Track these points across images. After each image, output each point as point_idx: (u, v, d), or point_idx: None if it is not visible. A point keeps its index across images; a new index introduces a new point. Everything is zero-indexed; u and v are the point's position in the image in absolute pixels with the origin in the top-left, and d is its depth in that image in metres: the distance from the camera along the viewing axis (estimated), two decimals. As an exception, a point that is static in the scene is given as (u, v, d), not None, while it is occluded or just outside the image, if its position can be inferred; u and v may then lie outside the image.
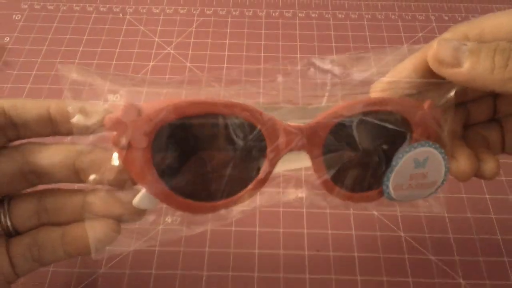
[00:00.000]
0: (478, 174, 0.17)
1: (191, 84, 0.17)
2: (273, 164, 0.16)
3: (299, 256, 0.22)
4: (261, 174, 0.16)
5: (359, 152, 0.17)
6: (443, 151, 0.17)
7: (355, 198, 0.17)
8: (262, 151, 0.15)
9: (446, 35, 0.17)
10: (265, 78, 0.17)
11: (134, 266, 0.22)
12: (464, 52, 0.15)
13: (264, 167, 0.16)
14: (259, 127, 0.15)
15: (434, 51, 0.16)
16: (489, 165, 0.17)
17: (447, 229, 0.23)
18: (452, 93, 0.17)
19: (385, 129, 0.16)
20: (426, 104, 0.17)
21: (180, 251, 0.23)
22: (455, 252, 0.22)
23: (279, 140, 0.15)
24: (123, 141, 0.14)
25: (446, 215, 0.24)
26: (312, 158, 0.16)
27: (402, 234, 0.23)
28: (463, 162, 0.17)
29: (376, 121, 0.16)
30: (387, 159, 0.17)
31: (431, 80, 0.17)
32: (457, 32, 0.16)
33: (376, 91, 0.18)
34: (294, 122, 0.16)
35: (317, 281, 0.22)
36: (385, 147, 0.17)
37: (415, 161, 0.17)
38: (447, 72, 0.16)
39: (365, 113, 0.16)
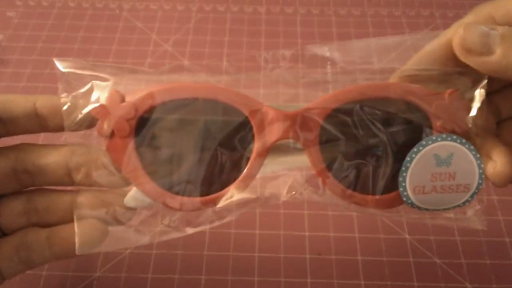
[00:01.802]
0: None
1: (190, 72, 0.16)
2: (262, 155, 0.14)
3: (300, 260, 0.22)
4: (249, 166, 0.14)
5: (364, 147, 0.14)
6: (472, 147, 0.14)
7: (370, 202, 0.15)
8: (251, 140, 0.14)
9: (470, 17, 0.15)
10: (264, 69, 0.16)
11: (131, 270, 0.21)
12: (495, 37, 0.13)
13: (252, 158, 0.14)
14: (246, 113, 0.14)
15: (461, 37, 0.14)
16: None
17: (453, 231, 0.23)
18: (484, 82, 0.14)
19: (396, 120, 0.14)
20: (447, 94, 0.14)
21: (178, 254, 0.22)
22: (461, 255, 0.22)
23: (266, 128, 0.14)
24: (107, 128, 0.14)
25: (451, 215, 0.23)
26: (307, 149, 0.14)
27: (407, 237, 0.23)
28: (500, 162, 0.14)
29: (383, 110, 0.14)
30: (402, 155, 0.14)
31: (455, 69, 0.15)
32: (481, 13, 0.15)
33: (401, 76, 0.16)
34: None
35: (319, 285, 0.21)
36: (397, 141, 0.14)
37: (436, 157, 0.14)
38: (476, 61, 0.14)
39: (368, 101, 0.14)
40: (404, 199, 0.14)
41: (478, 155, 0.14)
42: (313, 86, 0.16)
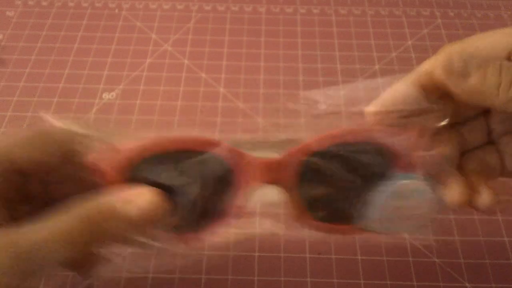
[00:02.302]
0: (472, 205, 0.17)
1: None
2: (244, 199, 0.16)
3: (301, 259, 0.22)
4: (233, 210, 0.16)
5: (335, 186, 0.16)
6: (430, 181, 0.16)
7: (347, 231, 0.17)
8: (233, 187, 0.16)
9: (440, 55, 0.17)
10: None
11: (131, 270, 0.22)
12: (473, 65, 0.16)
13: (236, 202, 0.16)
14: (229, 161, 0.15)
15: (446, 59, 0.16)
16: (482, 198, 0.17)
17: (452, 231, 0.23)
18: (446, 120, 0.17)
19: (363, 161, 0.16)
20: (411, 132, 0.16)
21: (178, 254, 0.22)
22: (460, 255, 0.22)
23: (248, 175, 0.16)
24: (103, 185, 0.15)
25: (451, 217, 0.23)
26: (285, 192, 0.16)
27: (406, 237, 0.23)
28: (453, 191, 0.17)
29: (351, 154, 0.16)
30: (366, 192, 0.16)
31: (422, 107, 0.17)
32: (450, 51, 0.17)
33: (369, 117, 0.18)
34: (265, 155, 0.16)
35: (319, 284, 0.21)
36: (364, 180, 0.16)
37: (397, 193, 0.16)
38: (454, 82, 0.16)
39: (339, 145, 0.16)
40: (368, 229, 0.17)
41: (435, 186, 0.16)
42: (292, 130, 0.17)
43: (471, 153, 0.19)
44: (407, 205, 0.16)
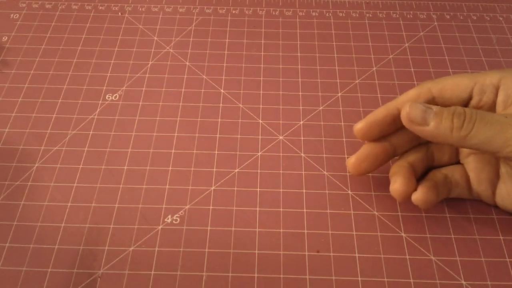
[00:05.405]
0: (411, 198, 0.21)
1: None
2: None
3: (300, 257, 0.22)
4: None
5: None
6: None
7: None
8: None
9: (414, 91, 0.21)
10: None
11: (134, 267, 0.22)
12: (430, 114, 0.19)
13: None
14: None
15: (407, 112, 0.19)
16: (415, 195, 0.21)
17: (449, 229, 0.23)
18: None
19: None
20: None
21: (180, 252, 0.22)
22: (456, 253, 0.22)
23: None
24: None
25: (447, 215, 0.24)
26: None
27: (403, 235, 0.23)
28: (392, 183, 0.22)
29: None
30: None
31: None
32: (423, 87, 0.21)
33: (356, 132, 0.22)
34: None
35: (317, 282, 0.21)
36: None
37: None
38: (416, 129, 0.20)
39: None
40: None
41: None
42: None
43: (440, 169, 0.23)
44: None
